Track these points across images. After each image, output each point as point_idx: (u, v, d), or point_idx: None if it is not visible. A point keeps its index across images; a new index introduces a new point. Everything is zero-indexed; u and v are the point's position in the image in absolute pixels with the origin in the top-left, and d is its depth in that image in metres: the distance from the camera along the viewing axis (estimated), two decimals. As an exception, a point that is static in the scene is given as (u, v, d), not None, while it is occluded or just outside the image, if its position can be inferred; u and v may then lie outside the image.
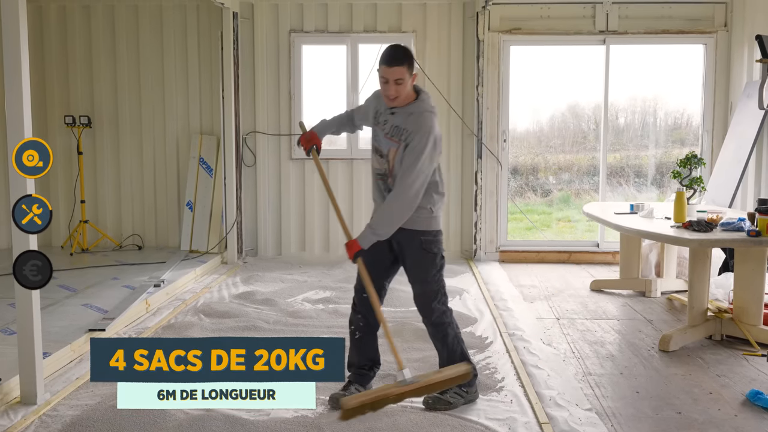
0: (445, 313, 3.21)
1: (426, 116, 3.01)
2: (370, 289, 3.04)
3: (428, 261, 3.15)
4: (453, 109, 6.81)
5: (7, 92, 3.13)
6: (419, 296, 3.20)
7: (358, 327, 3.28)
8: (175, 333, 4.31)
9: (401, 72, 2.96)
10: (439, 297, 3.19)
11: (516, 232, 7.60)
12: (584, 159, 7.65)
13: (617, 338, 4.37)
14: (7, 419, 3.04)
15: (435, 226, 3.15)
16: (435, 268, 3.17)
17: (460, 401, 3.19)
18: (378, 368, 3.39)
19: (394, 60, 2.96)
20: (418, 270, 3.16)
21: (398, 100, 3.03)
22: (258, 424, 2.95)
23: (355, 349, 3.32)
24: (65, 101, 7.04)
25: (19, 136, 3.12)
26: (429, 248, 3.14)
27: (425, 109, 3.03)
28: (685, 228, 4.27)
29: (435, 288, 3.18)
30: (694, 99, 7.03)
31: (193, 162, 6.90)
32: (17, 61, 3.11)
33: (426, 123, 2.99)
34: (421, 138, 2.97)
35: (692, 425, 3.05)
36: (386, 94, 3.02)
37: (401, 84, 2.97)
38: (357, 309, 3.28)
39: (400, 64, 2.95)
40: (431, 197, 3.11)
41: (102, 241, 7.01)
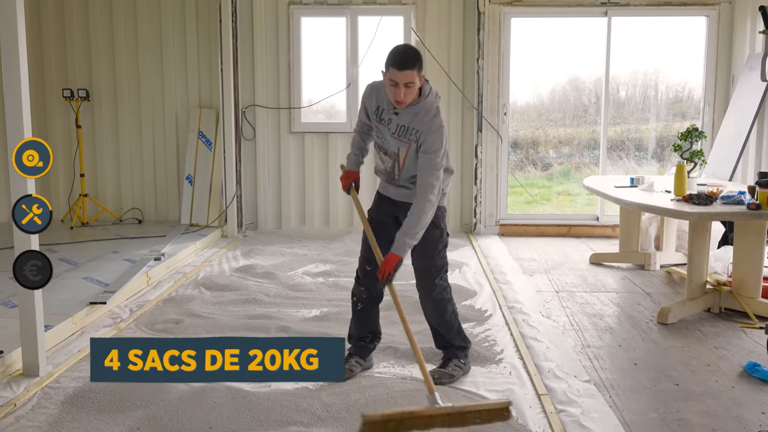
0: (446, 290, 3.23)
1: (434, 114, 2.96)
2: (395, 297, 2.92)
3: (435, 236, 3.15)
4: (453, 82, 6.77)
5: (4, 69, 3.10)
6: (423, 271, 3.21)
7: (360, 299, 3.30)
8: (176, 306, 4.33)
9: (412, 76, 2.84)
10: (442, 273, 3.21)
11: (516, 205, 7.60)
12: (585, 132, 7.62)
13: (616, 311, 4.39)
14: (10, 391, 3.06)
15: (442, 202, 3.16)
16: (441, 244, 3.18)
17: (460, 373, 3.22)
18: (378, 341, 3.41)
19: (405, 63, 2.83)
20: (425, 245, 3.14)
21: (407, 103, 2.94)
22: (259, 396, 2.98)
23: (356, 320, 3.34)
24: (63, 74, 6.99)
25: (18, 124, 3.11)
26: (437, 223, 3.14)
27: (432, 106, 2.98)
28: (686, 201, 4.26)
29: (440, 264, 3.19)
30: (696, 72, 6.97)
31: (193, 136, 6.87)
32: (14, 35, 3.07)
33: (436, 122, 2.95)
34: (435, 139, 2.93)
35: (690, 397, 3.08)
36: (395, 99, 2.92)
37: (411, 87, 2.88)
38: (360, 281, 3.28)
39: (411, 68, 2.83)
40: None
41: (102, 214, 7.01)
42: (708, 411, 2.92)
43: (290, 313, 4.24)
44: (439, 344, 3.32)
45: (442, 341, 3.31)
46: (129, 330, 3.92)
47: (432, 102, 2.99)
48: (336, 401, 2.94)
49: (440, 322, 3.26)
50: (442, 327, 3.26)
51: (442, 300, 3.22)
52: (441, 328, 3.27)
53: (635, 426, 2.79)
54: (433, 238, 3.15)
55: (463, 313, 4.18)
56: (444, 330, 3.27)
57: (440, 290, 3.21)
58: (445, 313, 3.24)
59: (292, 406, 2.89)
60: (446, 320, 3.25)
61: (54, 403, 2.94)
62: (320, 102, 6.93)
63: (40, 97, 6.92)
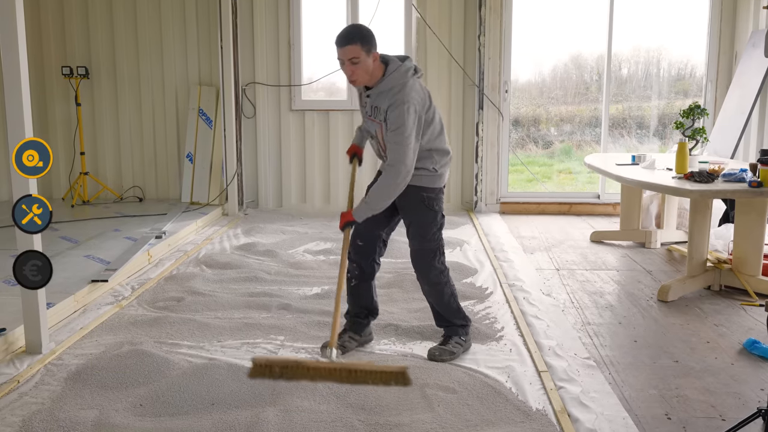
0: (442, 273, 3.22)
1: (398, 90, 2.93)
2: (343, 258, 2.98)
3: (429, 218, 3.14)
4: (454, 59, 6.72)
5: (3, 49, 3.08)
6: (417, 253, 3.21)
7: (353, 275, 3.31)
8: (177, 284, 4.34)
9: (354, 51, 2.87)
10: (438, 256, 3.19)
11: (517, 183, 7.58)
12: (586, 110, 7.58)
13: (616, 289, 4.40)
14: (13, 368, 3.08)
15: (438, 183, 3.13)
16: (435, 226, 3.16)
17: (460, 350, 3.23)
18: (374, 317, 3.42)
19: (344, 39, 2.88)
20: (417, 227, 3.16)
21: (362, 80, 2.95)
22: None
23: (350, 296, 3.37)
24: (62, 52, 6.94)
25: (18, 96, 3.09)
26: (431, 205, 3.12)
27: (396, 83, 2.95)
28: (687, 179, 4.25)
29: (434, 247, 3.18)
30: (699, 49, 6.92)
31: (193, 113, 6.84)
32: (12, 12, 3.04)
33: (398, 98, 2.91)
34: (399, 114, 2.89)
35: (689, 373, 3.09)
36: (347, 77, 2.96)
37: (357, 63, 2.88)
38: (351, 257, 3.29)
39: (351, 43, 2.87)
40: (432, 158, 3.07)
41: (103, 193, 7.00)
42: (707, 388, 2.94)
43: (291, 290, 4.25)
44: (440, 323, 3.34)
45: (442, 320, 3.32)
46: (131, 308, 3.94)
47: (397, 78, 2.95)
48: (337, 378, 2.95)
49: (438, 302, 3.27)
50: (441, 307, 3.28)
51: (438, 283, 3.22)
52: (440, 308, 3.29)
53: (635, 402, 2.81)
54: (426, 221, 3.14)
55: (464, 290, 4.19)
56: (443, 310, 3.28)
57: (436, 273, 3.20)
58: (443, 296, 3.24)
59: (295, 382, 2.90)
60: (445, 302, 3.26)
61: (57, 380, 2.96)
62: (321, 79, 6.89)
63: (39, 75, 6.88)
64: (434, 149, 3.07)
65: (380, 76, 2.97)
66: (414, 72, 3.02)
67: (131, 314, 3.82)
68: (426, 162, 3.06)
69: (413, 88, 2.96)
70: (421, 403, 2.75)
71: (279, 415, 2.63)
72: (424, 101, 3.01)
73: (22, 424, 2.57)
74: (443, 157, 3.12)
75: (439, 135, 3.09)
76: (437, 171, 3.10)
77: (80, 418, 2.60)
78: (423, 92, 3.03)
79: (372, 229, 3.20)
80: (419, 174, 3.05)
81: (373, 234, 3.23)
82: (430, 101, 3.06)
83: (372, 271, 3.31)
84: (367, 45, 2.89)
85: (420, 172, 3.05)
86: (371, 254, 3.27)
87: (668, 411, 2.73)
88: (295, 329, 3.56)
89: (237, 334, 3.50)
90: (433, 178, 3.10)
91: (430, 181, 3.10)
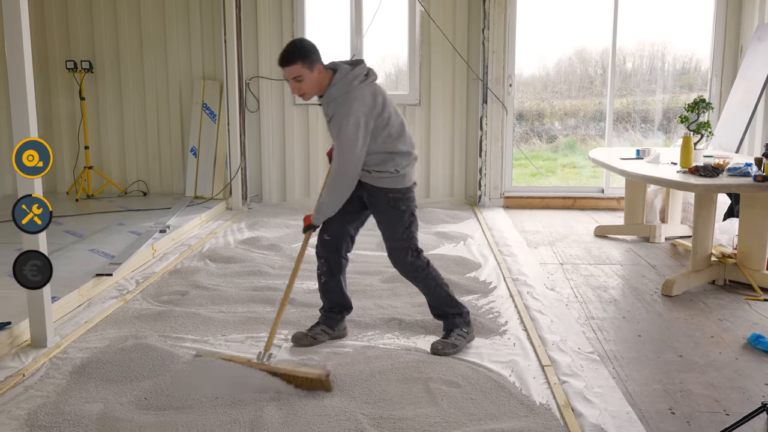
0: (419, 268, 3.23)
1: (340, 100, 2.98)
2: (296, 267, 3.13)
3: (395, 218, 3.17)
4: (458, 52, 6.70)
5: (7, 43, 3.08)
6: (390, 251, 3.25)
7: (322, 271, 3.34)
8: (182, 278, 4.35)
9: (297, 70, 2.93)
10: (410, 253, 3.21)
11: (521, 178, 7.57)
12: (590, 104, 7.56)
13: (620, 283, 4.40)
14: (19, 361, 3.09)
15: (402, 184, 3.15)
16: (403, 226, 3.19)
17: (463, 342, 3.24)
18: (348, 312, 3.43)
19: (285, 60, 2.94)
20: (385, 226, 3.21)
21: (311, 94, 3.02)
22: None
23: (322, 293, 3.40)
24: (66, 45, 6.94)
25: (22, 91, 3.09)
26: (396, 205, 3.16)
27: (339, 93, 2.99)
28: (692, 173, 4.24)
29: (404, 245, 3.20)
30: (704, 43, 6.89)
31: (196, 108, 6.84)
32: (16, 6, 3.04)
33: (340, 106, 2.97)
34: (338, 122, 2.97)
35: (693, 368, 3.09)
36: (294, 93, 3.05)
37: (301, 81, 2.95)
38: (319, 253, 3.33)
39: (292, 63, 2.93)
40: (394, 161, 3.10)
41: (107, 187, 7.02)
42: (711, 382, 2.94)
43: (295, 284, 4.24)
44: (434, 313, 3.35)
45: (434, 310, 3.34)
46: (135, 302, 3.95)
47: (341, 88, 2.99)
48: (341, 371, 2.96)
49: (425, 292, 3.31)
50: (430, 296, 3.31)
51: (417, 277, 3.25)
52: (429, 298, 3.32)
53: (638, 397, 2.81)
54: (392, 220, 3.18)
55: (467, 285, 4.19)
56: (432, 299, 3.31)
57: (412, 269, 3.23)
58: (428, 286, 3.27)
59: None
60: (431, 291, 3.28)
61: (62, 374, 2.97)
62: (324, 73, 6.88)
63: (44, 69, 6.89)
64: (395, 152, 3.10)
65: (326, 84, 3.03)
66: (366, 77, 3.03)
67: (136, 308, 3.83)
68: (388, 165, 3.10)
69: (357, 97, 2.98)
70: (425, 397, 2.75)
71: (282, 408, 2.63)
72: (373, 107, 3.01)
73: (28, 418, 2.58)
74: (405, 158, 3.13)
75: (399, 137, 3.11)
76: (399, 172, 3.12)
77: (85, 412, 2.61)
78: (372, 98, 3.02)
79: (341, 225, 3.24)
80: (382, 176, 3.11)
81: (341, 230, 3.26)
82: (383, 106, 3.05)
83: (340, 267, 3.33)
84: (308, 61, 2.95)
85: (383, 175, 3.10)
86: (339, 250, 3.29)
87: (672, 405, 2.73)
88: (299, 323, 3.57)
89: (241, 328, 3.51)
90: (396, 179, 3.13)
91: (393, 182, 3.13)
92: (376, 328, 3.50)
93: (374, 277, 4.37)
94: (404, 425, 2.53)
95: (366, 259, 4.80)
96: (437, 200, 6.94)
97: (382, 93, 3.09)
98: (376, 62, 7.20)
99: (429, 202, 6.89)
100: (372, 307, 3.79)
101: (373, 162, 3.08)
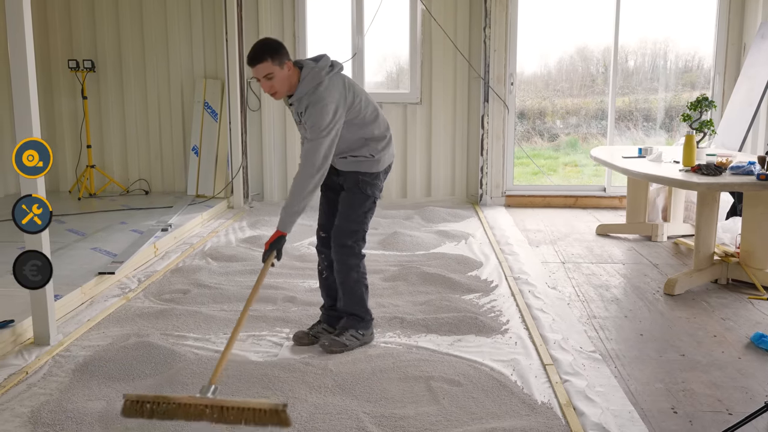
0: (356, 256, 3.22)
1: (311, 92, 2.97)
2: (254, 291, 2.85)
3: (358, 200, 3.18)
4: (459, 51, 6.69)
5: (10, 42, 3.08)
6: (337, 229, 3.21)
7: (323, 267, 3.35)
8: (184, 276, 4.36)
9: (267, 67, 2.91)
10: (354, 237, 3.20)
11: (522, 176, 7.57)
12: (592, 103, 7.55)
13: (622, 282, 4.39)
14: (22, 359, 3.10)
15: (376, 168, 3.18)
16: (362, 209, 3.20)
17: (356, 343, 3.23)
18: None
19: (254, 58, 2.92)
20: (346, 204, 3.20)
21: (282, 92, 3.00)
22: (267, 365, 3.01)
23: (322, 289, 3.40)
24: (68, 45, 6.95)
25: (25, 90, 3.10)
26: (364, 188, 3.17)
27: (310, 85, 2.98)
28: (694, 172, 4.24)
29: (355, 227, 3.20)
30: (707, 41, 6.87)
31: (198, 106, 6.84)
32: (19, 6, 3.05)
33: (313, 98, 2.96)
34: (313, 113, 2.94)
35: (696, 367, 3.09)
36: (265, 92, 3.02)
37: (272, 78, 2.93)
38: (318, 249, 3.34)
39: (262, 61, 2.91)
40: (369, 146, 3.13)
41: (109, 185, 7.02)
42: (714, 382, 2.94)
43: (296, 283, 4.26)
44: (340, 306, 3.30)
45: (342, 305, 3.29)
46: (137, 300, 3.95)
47: (311, 80, 2.98)
48: (343, 370, 2.96)
49: (343, 283, 3.25)
50: (344, 290, 3.25)
51: (345, 264, 3.21)
52: (343, 291, 3.26)
53: (640, 396, 2.80)
54: (354, 201, 3.18)
55: (469, 283, 4.19)
56: (345, 293, 3.26)
57: (347, 253, 3.19)
58: (348, 279, 3.23)
59: (300, 374, 2.92)
60: (349, 285, 3.24)
61: (65, 371, 2.98)
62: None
63: (46, 68, 6.90)
64: (369, 137, 3.14)
65: (296, 80, 3.02)
66: (331, 68, 3.03)
67: (138, 306, 3.83)
68: (363, 150, 3.14)
69: (328, 86, 2.99)
70: (427, 395, 2.75)
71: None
72: (345, 95, 3.03)
73: (31, 415, 2.59)
74: (379, 142, 3.17)
75: (373, 122, 3.14)
76: (374, 156, 3.16)
77: (88, 409, 2.61)
78: (343, 86, 3.04)
79: (331, 220, 3.26)
80: (358, 161, 3.15)
81: (332, 225, 3.26)
82: (354, 93, 3.07)
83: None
84: (277, 58, 2.93)
85: (359, 159, 3.15)
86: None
87: (674, 405, 2.73)
88: (301, 322, 3.57)
89: (243, 327, 3.51)
90: (371, 163, 3.17)
91: (368, 166, 3.17)
92: (377, 326, 3.49)
93: (375, 275, 4.37)
94: (406, 424, 2.53)
95: (367, 257, 4.79)
96: (439, 199, 6.94)
97: (349, 81, 3.11)
98: (377, 61, 7.20)
99: (430, 201, 6.88)
100: (373, 305, 3.78)
101: (349, 148, 3.11)
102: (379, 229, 5.63)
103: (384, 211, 6.37)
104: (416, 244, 5.13)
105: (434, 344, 3.29)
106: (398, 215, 6.22)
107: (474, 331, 3.45)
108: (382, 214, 6.28)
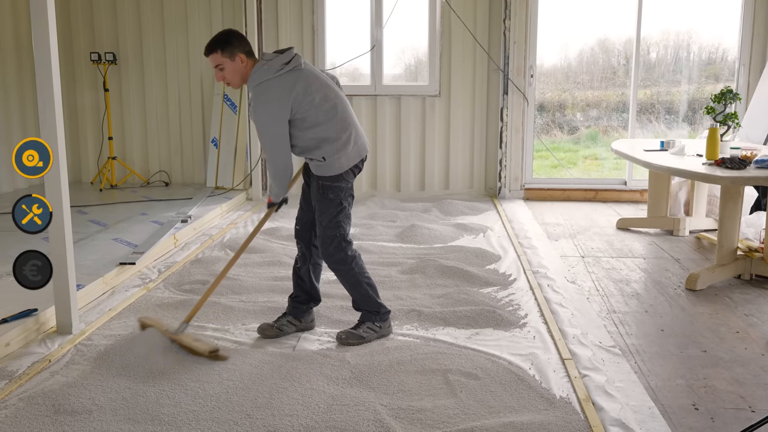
0: (343, 260, 3.19)
1: (255, 90, 3.00)
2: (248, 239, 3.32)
3: (324, 205, 3.17)
4: (479, 43, 6.65)
5: (34, 35, 3.12)
6: (319, 237, 3.23)
7: (298, 257, 3.38)
8: (203, 267, 4.39)
9: (216, 59, 3.00)
10: (335, 243, 3.17)
11: (541, 169, 7.52)
12: (613, 95, 7.47)
13: (643, 276, 4.35)
14: (45, 347, 3.15)
15: (330, 172, 3.11)
16: (330, 215, 3.16)
17: (373, 336, 3.23)
18: (315, 304, 3.42)
19: (207, 49, 3.01)
20: (317, 210, 3.20)
21: (235, 83, 3.07)
22: (285, 357, 3.02)
23: (294, 278, 3.40)
24: (90, 38, 7.02)
25: (48, 83, 3.14)
26: (325, 194, 3.15)
27: (255, 83, 3.01)
28: (718, 165, 4.18)
29: (330, 234, 3.17)
30: (731, 32, 6.76)
31: (218, 99, 6.87)
32: (42, 2, 3.08)
33: (252, 98, 3.03)
34: (252, 114, 3.05)
35: (718, 364, 3.05)
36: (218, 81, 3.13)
37: (223, 70, 3.01)
38: (296, 240, 3.38)
39: (212, 52, 3.00)
40: (320, 148, 3.07)
41: (130, 177, 7.09)
42: (736, 378, 2.90)
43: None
44: (354, 305, 3.32)
45: (353, 303, 3.31)
46: (157, 290, 3.99)
47: (255, 78, 3.00)
48: (360, 362, 2.97)
49: (346, 285, 3.27)
50: (350, 291, 3.28)
51: (338, 270, 3.22)
52: (350, 292, 3.29)
53: (661, 392, 2.78)
54: (321, 208, 3.17)
55: (487, 277, 4.18)
56: (352, 294, 3.28)
57: (336, 260, 3.19)
58: (349, 280, 3.24)
59: (318, 365, 2.93)
60: (351, 287, 3.25)
61: (87, 360, 3.01)
62: (344, 65, 6.87)
63: (69, 61, 6.97)
64: (321, 138, 3.06)
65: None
66: (285, 65, 3.00)
67: (158, 297, 3.87)
68: (315, 152, 3.09)
69: (269, 87, 2.97)
70: (444, 388, 2.75)
71: (300, 398, 2.65)
72: (289, 96, 2.97)
73: (53, 402, 2.62)
74: (331, 144, 3.07)
75: (326, 123, 3.05)
76: (326, 160, 3.09)
77: (108, 397, 2.64)
78: (290, 86, 2.98)
79: (307, 213, 3.29)
80: (315, 164, 3.14)
81: (308, 217, 3.29)
82: (304, 93, 2.99)
83: (311, 254, 3.34)
84: (228, 51, 2.99)
85: (315, 162, 3.13)
86: (308, 238, 3.32)
87: (696, 401, 2.70)
88: (318, 313, 3.58)
89: (261, 318, 3.53)
90: (323, 166, 3.10)
91: (321, 170, 3.12)
92: (394, 319, 3.49)
93: (393, 268, 4.37)
94: (423, 416, 2.53)
95: (385, 250, 4.80)
96: (457, 192, 6.92)
97: (304, 79, 3.01)
98: (395, 53, 7.18)
99: (448, 194, 6.86)
100: (391, 298, 3.79)
101: (306, 148, 3.10)
102: (397, 222, 5.63)
103: (402, 204, 6.36)
104: (434, 237, 5.12)
105: (452, 337, 3.28)
106: (416, 208, 6.21)
107: (492, 324, 3.44)
108: (400, 206, 6.27)
